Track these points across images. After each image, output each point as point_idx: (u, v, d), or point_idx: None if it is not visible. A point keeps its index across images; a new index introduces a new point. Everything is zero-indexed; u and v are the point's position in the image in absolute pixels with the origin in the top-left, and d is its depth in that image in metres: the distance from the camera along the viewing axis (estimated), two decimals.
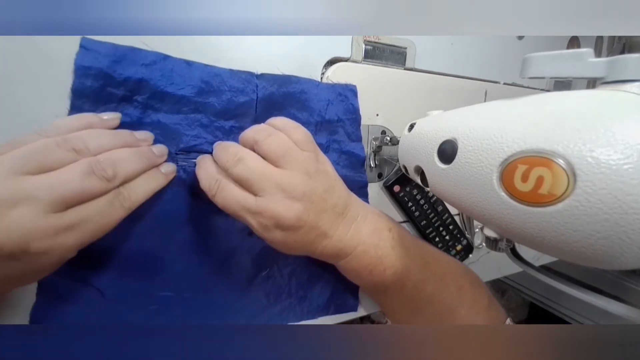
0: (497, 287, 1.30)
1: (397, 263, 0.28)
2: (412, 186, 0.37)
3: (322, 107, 0.31)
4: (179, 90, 0.25)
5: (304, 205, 0.24)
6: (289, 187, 0.23)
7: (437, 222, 0.39)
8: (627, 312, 0.17)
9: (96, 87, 0.23)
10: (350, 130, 0.33)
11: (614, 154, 0.13)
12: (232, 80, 0.27)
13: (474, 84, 0.43)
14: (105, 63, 0.23)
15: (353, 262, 0.27)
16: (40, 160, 0.18)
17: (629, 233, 0.13)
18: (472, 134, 0.19)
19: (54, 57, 0.22)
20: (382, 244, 0.27)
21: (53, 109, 0.22)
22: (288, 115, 0.30)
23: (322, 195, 0.25)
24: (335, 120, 0.32)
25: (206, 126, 0.27)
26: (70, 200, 0.18)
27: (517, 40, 0.46)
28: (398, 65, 0.37)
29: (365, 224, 0.28)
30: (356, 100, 0.33)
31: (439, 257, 0.31)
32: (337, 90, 0.32)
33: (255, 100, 0.28)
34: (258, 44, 0.29)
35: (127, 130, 0.23)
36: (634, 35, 0.48)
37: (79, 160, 0.19)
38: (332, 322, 0.34)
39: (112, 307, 0.25)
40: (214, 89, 0.27)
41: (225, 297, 0.29)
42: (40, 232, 0.17)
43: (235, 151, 0.24)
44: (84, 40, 0.23)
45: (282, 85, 0.29)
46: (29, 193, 0.17)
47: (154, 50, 0.25)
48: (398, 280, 0.28)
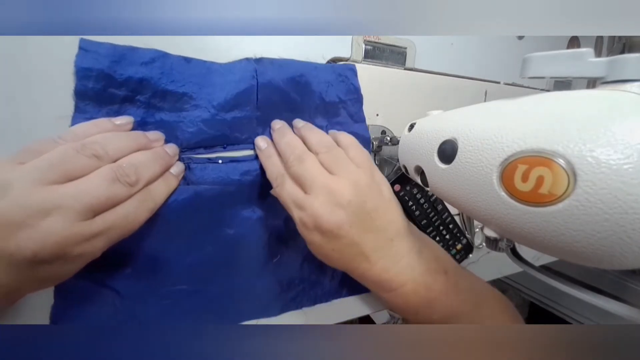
0: (497, 287, 1.30)
1: (447, 308, 0.26)
2: (412, 185, 0.37)
3: (323, 89, 0.31)
4: (179, 87, 0.25)
5: (347, 214, 0.23)
6: (336, 192, 0.24)
7: (437, 221, 0.39)
8: (627, 312, 0.17)
9: (98, 88, 0.23)
10: (352, 111, 0.33)
11: (614, 154, 0.13)
12: (231, 71, 0.27)
13: (474, 84, 0.43)
14: (105, 64, 0.23)
15: (398, 299, 0.26)
16: (64, 169, 0.19)
17: (629, 233, 0.13)
18: (472, 134, 0.19)
19: (52, 56, 0.22)
20: (436, 287, 0.26)
21: (53, 110, 0.22)
22: (289, 100, 0.30)
23: (370, 212, 0.24)
24: (336, 101, 0.32)
25: (208, 120, 0.27)
26: (98, 208, 0.19)
27: (517, 40, 0.46)
28: (398, 65, 0.37)
29: (421, 261, 0.26)
30: (356, 79, 0.33)
31: (490, 295, 0.30)
32: (337, 71, 0.32)
33: (256, 87, 0.28)
34: (258, 44, 0.29)
35: (140, 132, 0.24)
36: (634, 35, 0.48)
37: (102, 166, 0.20)
38: (341, 315, 0.34)
39: (129, 305, 0.25)
40: (213, 83, 0.27)
41: (238, 286, 0.29)
42: (73, 239, 0.18)
43: (299, 152, 0.25)
44: (83, 41, 0.22)
45: (281, 69, 0.29)
46: (58, 203, 0.18)
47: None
48: (444, 322, 0.27)
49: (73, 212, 0.18)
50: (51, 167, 0.18)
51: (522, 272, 0.23)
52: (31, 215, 0.17)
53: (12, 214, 0.17)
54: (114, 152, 0.21)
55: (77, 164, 0.19)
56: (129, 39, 0.24)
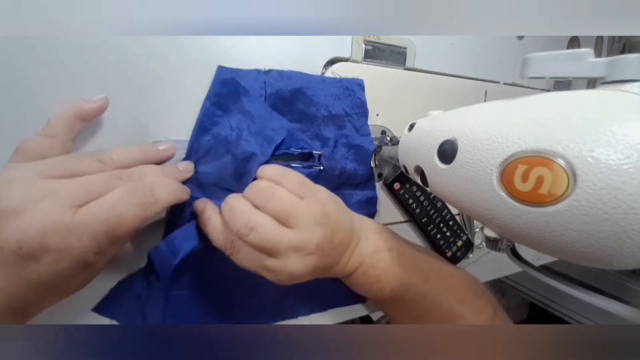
0: (497, 287, 1.30)
1: (394, 281, 0.29)
2: (412, 183, 0.37)
3: (329, 101, 0.31)
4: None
5: (318, 255, 0.25)
6: (303, 245, 0.24)
7: (437, 218, 0.39)
8: (627, 312, 0.17)
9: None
10: (358, 125, 0.33)
11: (614, 154, 0.13)
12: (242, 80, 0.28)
13: (474, 84, 0.43)
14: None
15: (354, 282, 0.29)
16: (94, 194, 0.19)
17: (629, 233, 0.13)
18: (472, 134, 0.19)
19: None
20: (380, 265, 0.29)
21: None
22: (296, 111, 0.30)
23: (331, 237, 0.25)
24: (342, 114, 0.32)
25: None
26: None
27: (517, 40, 0.46)
28: (398, 65, 0.37)
29: (367, 245, 0.29)
30: (363, 94, 0.33)
31: (442, 270, 0.32)
32: (344, 85, 0.32)
33: (264, 97, 0.29)
34: (258, 44, 0.29)
35: (173, 166, 0.25)
36: (634, 35, 0.48)
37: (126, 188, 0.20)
38: (341, 315, 0.35)
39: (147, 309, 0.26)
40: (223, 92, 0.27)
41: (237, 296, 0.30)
42: (54, 228, 0.18)
43: (245, 220, 0.23)
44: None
45: (289, 81, 0.29)
46: (49, 192, 0.18)
47: (153, 50, 0.25)
48: (396, 296, 0.29)
49: (60, 200, 0.18)
50: (83, 193, 0.19)
51: (522, 272, 0.23)
52: (20, 205, 0.17)
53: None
54: (118, 157, 0.21)
55: (108, 189, 0.20)
56: (128, 39, 0.24)
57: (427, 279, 0.30)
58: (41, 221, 0.17)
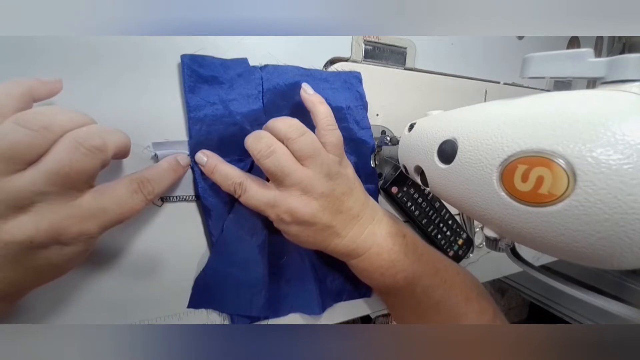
0: (497, 287, 1.30)
1: (409, 268, 0.28)
2: (409, 185, 0.37)
3: (329, 94, 0.31)
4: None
5: (321, 204, 0.25)
6: (309, 187, 0.25)
7: (436, 218, 0.39)
8: (627, 312, 0.17)
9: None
10: (358, 118, 0.33)
11: (614, 154, 0.13)
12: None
13: (474, 84, 0.43)
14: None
15: (365, 263, 0.28)
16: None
17: (629, 233, 0.13)
18: (472, 134, 0.19)
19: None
20: (396, 249, 0.28)
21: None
22: (293, 105, 0.30)
23: (340, 197, 0.26)
24: (342, 107, 0.32)
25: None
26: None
27: (517, 40, 0.46)
28: (398, 65, 0.37)
29: (381, 228, 0.29)
30: (361, 87, 0.33)
31: (450, 266, 0.32)
32: (342, 78, 0.32)
33: (262, 93, 0.28)
34: (258, 44, 0.29)
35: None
36: (634, 35, 0.48)
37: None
38: (341, 315, 0.35)
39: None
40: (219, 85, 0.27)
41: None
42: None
43: (269, 143, 0.24)
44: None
45: (285, 75, 0.29)
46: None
47: (151, 50, 0.25)
48: (408, 285, 0.29)
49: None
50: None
51: (522, 272, 0.23)
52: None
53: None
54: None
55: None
56: (126, 38, 0.24)
57: (438, 271, 0.30)
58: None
